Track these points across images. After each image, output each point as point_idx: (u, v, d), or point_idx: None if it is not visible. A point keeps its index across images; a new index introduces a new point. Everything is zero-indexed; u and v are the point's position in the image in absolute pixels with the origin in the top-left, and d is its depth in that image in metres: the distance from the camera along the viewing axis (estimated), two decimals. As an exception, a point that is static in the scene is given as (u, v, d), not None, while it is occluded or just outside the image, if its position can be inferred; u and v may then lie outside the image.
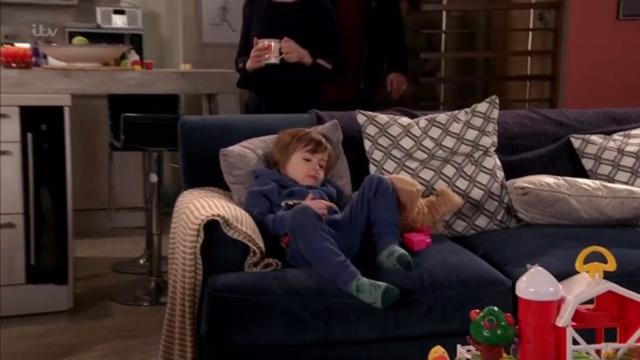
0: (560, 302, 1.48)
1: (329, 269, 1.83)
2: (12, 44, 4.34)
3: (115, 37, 4.46)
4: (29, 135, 2.93)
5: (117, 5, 4.72)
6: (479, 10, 4.91)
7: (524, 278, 1.49)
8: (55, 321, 2.92)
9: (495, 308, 1.47)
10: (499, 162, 2.38)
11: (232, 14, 4.63)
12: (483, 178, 2.30)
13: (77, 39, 3.55)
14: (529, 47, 4.50)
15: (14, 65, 3.11)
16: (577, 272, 1.54)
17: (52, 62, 3.42)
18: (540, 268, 1.51)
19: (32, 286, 3.05)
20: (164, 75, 3.29)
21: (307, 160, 2.15)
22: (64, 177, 3.04)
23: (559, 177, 2.27)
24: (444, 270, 1.92)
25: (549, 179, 2.23)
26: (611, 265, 1.52)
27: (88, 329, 2.85)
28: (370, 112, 2.36)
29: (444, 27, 4.57)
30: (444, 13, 4.61)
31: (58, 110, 2.95)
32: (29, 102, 2.92)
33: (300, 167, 2.15)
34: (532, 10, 4.49)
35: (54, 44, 3.90)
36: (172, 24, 4.88)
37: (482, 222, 2.30)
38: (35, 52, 3.72)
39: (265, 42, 2.77)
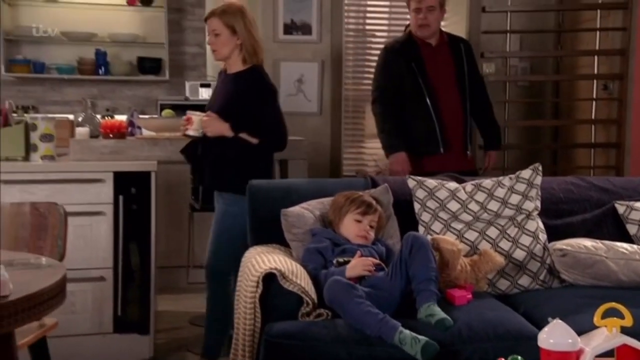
0: (579, 354, 1.62)
1: (371, 328, 2.00)
2: (112, 116, 4.86)
3: (201, 109, 4.84)
4: (121, 198, 3.27)
5: (204, 80, 5.15)
6: (546, 81, 5.05)
7: (545, 329, 1.63)
8: (137, 369, 3.18)
9: (519, 357, 1.62)
10: (541, 225, 2.51)
11: (307, 85, 4.95)
12: (525, 240, 2.44)
13: (166, 112, 3.93)
14: (594, 116, 4.59)
15: (111, 135, 3.50)
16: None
17: (145, 132, 3.81)
18: (560, 321, 1.65)
19: (118, 335, 3.32)
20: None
21: (359, 221, 2.37)
22: (149, 236, 3.33)
23: (597, 241, 2.38)
24: (482, 324, 2.06)
25: (587, 242, 2.34)
26: (628, 321, 1.64)
27: (166, 377, 3.08)
28: (419, 177, 2.56)
29: (507, 97, 4.74)
30: (507, 83, 4.78)
31: (146, 175, 3.26)
32: (122, 168, 3.24)
33: (352, 228, 2.36)
34: (596, 81, 4.60)
35: (146, 116, 4.33)
36: (252, 96, 5.26)
37: (524, 281, 2.43)
38: (131, 123, 4.16)
39: (188, 115, 2.92)
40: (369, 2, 5.29)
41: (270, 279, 2.12)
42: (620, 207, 2.63)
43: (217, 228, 2.99)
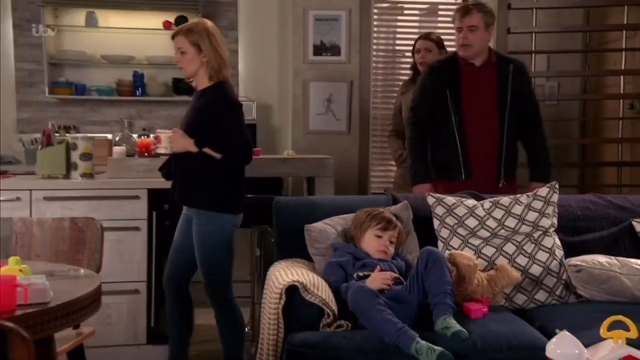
0: (585, 364, 1.68)
1: (390, 336, 2.09)
2: (148, 136, 5.03)
3: (233, 128, 5.00)
4: (154, 214, 3.43)
5: (236, 100, 5.31)
6: (574, 100, 5.09)
7: (554, 340, 1.71)
8: (170, 380, 3.26)
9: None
10: (558, 242, 2.57)
11: (336, 105, 5.06)
12: (542, 256, 2.50)
13: (198, 132, 4.07)
14: (621, 135, 4.61)
15: (146, 154, 3.65)
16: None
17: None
18: (567, 333, 1.73)
19: (151, 347, 3.46)
20: (268, 161, 3.72)
21: (379, 237, 2.46)
22: (182, 251, 3.49)
23: (612, 257, 2.43)
24: (497, 336, 2.13)
25: (602, 259, 2.40)
26: (633, 333, 1.70)
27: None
28: (439, 195, 2.64)
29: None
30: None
31: (178, 192, 3.45)
32: (155, 186, 3.39)
33: (372, 243, 2.46)
34: (622, 101, 4.62)
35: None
36: (283, 115, 5.40)
37: (541, 296, 2.48)
38: (165, 142, 4.32)
39: (157, 134, 3.02)
40: (399, 23, 5.41)
41: (293, 292, 2.23)
42: (638, 225, 2.67)
43: (201, 254, 2.96)
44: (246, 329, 4.00)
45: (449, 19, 5.43)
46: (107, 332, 3.36)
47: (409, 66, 4.52)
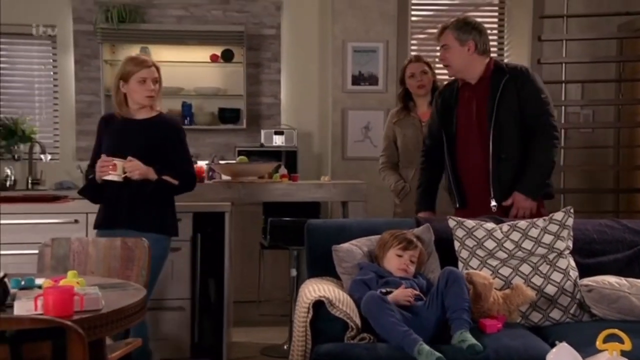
0: (582, 374, 1.83)
1: (395, 338, 2.29)
2: (195, 162, 5.31)
3: (275, 154, 5.20)
4: (198, 235, 3.66)
5: (278, 127, 5.54)
6: (609, 128, 5.18)
7: (553, 351, 1.86)
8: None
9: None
10: (573, 263, 2.70)
11: (374, 132, 5.25)
12: (557, 276, 2.64)
13: (240, 158, 4.32)
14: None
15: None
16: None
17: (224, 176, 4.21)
18: (565, 344, 1.88)
19: (194, 361, 3.70)
20: (305, 186, 3.92)
21: (400, 256, 2.65)
22: (223, 271, 3.69)
23: (622, 278, 2.55)
24: (508, 350, 2.29)
25: (612, 279, 2.52)
26: (627, 346, 1.84)
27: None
28: (459, 218, 2.81)
29: (563, 143, 4.89)
30: (563, 130, 4.94)
31: (221, 215, 3.65)
32: (199, 209, 3.63)
33: (393, 261, 2.65)
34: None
35: (222, 162, 4.75)
36: (322, 142, 5.61)
37: (556, 314, 2.62)
38: (211, 169, 4.59)
39: (111, 161, 2.96)
40: (438, 53, 5.59)
41: (319, 306, 2.42)
42: (652, 248, 2.78)
43: None
44: (285, 347, 4.21)
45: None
46: (154, 345, 3.57)
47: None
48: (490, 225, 2.80)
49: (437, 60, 5.48)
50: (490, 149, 3.07)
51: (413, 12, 5.44)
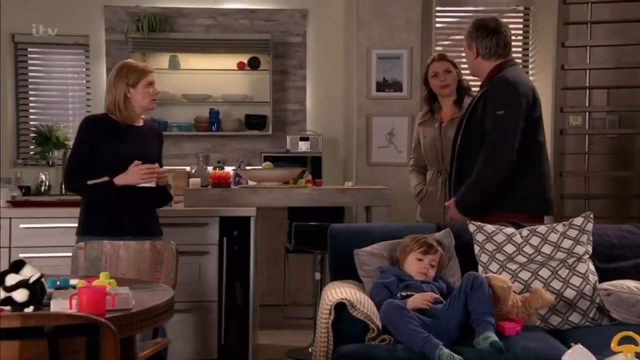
0: (596, 375, 1.87)
1: (416, 344, 2.34)
2: (222, 168, 5.44)
3: (300, 160, 5.29)
4: (224, 239, 3.75)
5: (303, 134, 5.62)
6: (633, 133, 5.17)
7: (568, 352, 1.91)
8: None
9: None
10: (592, 268, 2.73)
11: (397, 137, 5.29)
12: (576, 280, 2.68)
13: (265, 164, 4.40)
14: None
15: (218, 185, 4.01)
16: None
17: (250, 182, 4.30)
18: (581, 346, 1.92)
19: (221, 362, 3.78)
20: (328, 191, 3.97)
21: (420, 260, 2.70)
22: (249, 274, 3.76)
23: (640, 282, 2.57)
24: (527, 352, 2.34)
25: (630, 283, 2.55)
26: (641, 348, 1.88)
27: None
28: (479, 223, 2.86)
29: (586, 148, 4.90)
30: (586, 136, 4.95)
31: (246, 220, 3.71)
32: (226, 214, 3.70)
33: (414, 265, 2.70)
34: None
35: (248, 167, 4.85)
36: (347, 147, 5.68)
37: (575, 318, 2.65)
38: (237, 174, 4.69)
39: (153, 168, 3.07)
40: (463, 60, 5.62)
41: (341, 308, 2.49)
42: (672, 253, 2.80)
43: None
44: (309, 350, 4.27)
45: (513, 55, 5.61)
46: (181, 346, 3.69)
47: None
48: (509, 230, 2.84)
49: (460, 66, 5.55)
50: (455, 163, 3.16)
51: (437, 19, 5.49)
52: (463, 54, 5.55)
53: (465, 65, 3.53)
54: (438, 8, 5.47)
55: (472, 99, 3.25)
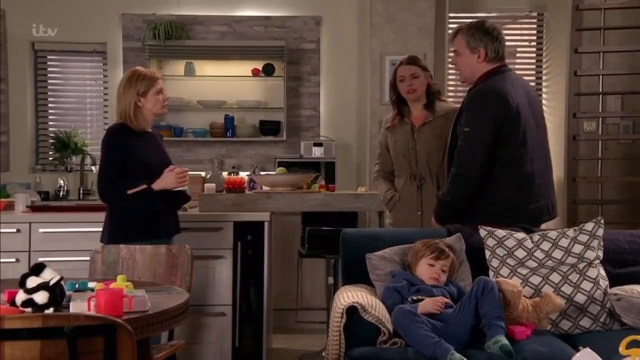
0: (604, 378, 1.89)
1: (427, 349, 2.37)
2: (237, 173, 5.50)
3: (314, 165, 5.31)
4: (239, 244, 3.80)
5: (317, 139, 5.66)
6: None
7: (577, 355, 1.93)
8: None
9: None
10: (603, 273, 2.75)
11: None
12: (586, 285, 2.69)
13: (279, 170, 4.45)
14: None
15: (232, 190, 4.06)
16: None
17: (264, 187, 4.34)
18: (589, 349, 1.94)
19: (235, 365, 3.82)
20: (341, 197, 4.01)
21: (431, 265, 2.73)
22: (263, 278, 3.82)
23: (651, 287, 2.58)
24: (537, 356, 2.37)
25: (640, 288, 2.56)
26: (648, 351, 1.90)
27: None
28: (490, 227, 2.88)
29: (600, 154, 4.90)
30: (600, 142, 4.94)
31: (260, 224, 3.76)
32: (240, 218, 3.75)
33: (425, 270, 2.73)
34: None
35: (262, 173, 4.89)
36: (361, 153, 5.71)
37: (585, 323, 2.67)
38: (251, 180, 4.74)
39: (186, 169, 3.24)
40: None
41: (353, 311, 2.53)
42: (684, 258, 2.81)
43: None
44: (323, 354, 4.30)
45: (527, 60, 5.66)
46: (197, 349, 3.75)
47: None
48: (520, 235, 2.87)
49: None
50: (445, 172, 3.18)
51: (450, 25, 5.51)
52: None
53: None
54: (451, 14, 5.51)
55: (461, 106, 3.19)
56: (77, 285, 2.30)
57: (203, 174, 5.00)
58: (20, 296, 1.99)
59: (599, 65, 4.95)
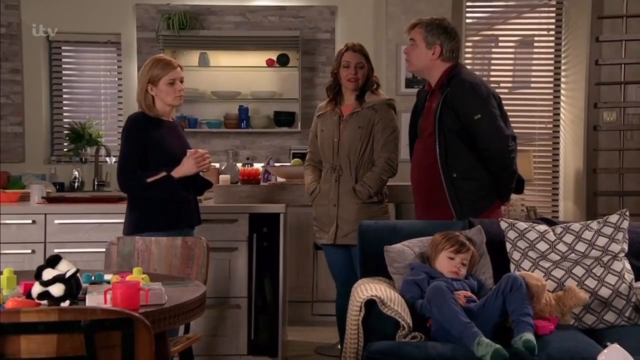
0: (633, 375, 1.84)
1: (457, 328, 2.33)
2: (251, 164, 5.47)
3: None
4: (254, 236, 3.76)
5: (332, 131, 5.64)
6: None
7: (604, 351, 1.88)
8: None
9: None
10: (628, 266, 2.68)
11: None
12: (611, 279, 2.63)
13: (294, 161, 4.42)
14: None
15: (247, 182, 4.03)
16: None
17: (279, 178, 4.32)
18: (617, 345, 1.89)
19: (251, 357, 3.77)
20: (358, 189, 3.99)
21: (451, 258, 2.68)
22: (278, 270, 3.78)
23: (678, 280, 2.52)
24: (560, 351, 2.30)
25: (667, 281, 2.50)
26: (679, 348, 1.84)
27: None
28: (511, 220, 2.83)
29: (622, 145, 4.81)
30: (621, 132, 4.85)
31: (275, 216, 3.72)
32: (255, 210, 3.71)
33: (445, 264, 2.68)
34: None
35: (277, 164, 4.86)
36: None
37: (610, 317, 2.61)
38: (266, 171, 4.71)
39: (205, 151, 3.18)
40: (493, 55, 5.59)
41: (371, 305, 2.49)
42: None
43: None
44: (338, 346, 4.27)
45: (545, 50, 5.57)
46: (212, 342, 3.72)
47: (504, 96, 4.01)
48: (542, 227, 2.81)
49: (485, 62, 5.52)
50: (440, 167, 3.09)
51: (467, 15, 5.44)
52: (494, 50, 5.60)
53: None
54: (468, 3, 5.43)
55: (425, 102, 3.21)
56: (93, 278, 2.27)
57: (217, 165, 4.98)
58: (36, 289, 1.96)
59: (620, 53, 4.86)
